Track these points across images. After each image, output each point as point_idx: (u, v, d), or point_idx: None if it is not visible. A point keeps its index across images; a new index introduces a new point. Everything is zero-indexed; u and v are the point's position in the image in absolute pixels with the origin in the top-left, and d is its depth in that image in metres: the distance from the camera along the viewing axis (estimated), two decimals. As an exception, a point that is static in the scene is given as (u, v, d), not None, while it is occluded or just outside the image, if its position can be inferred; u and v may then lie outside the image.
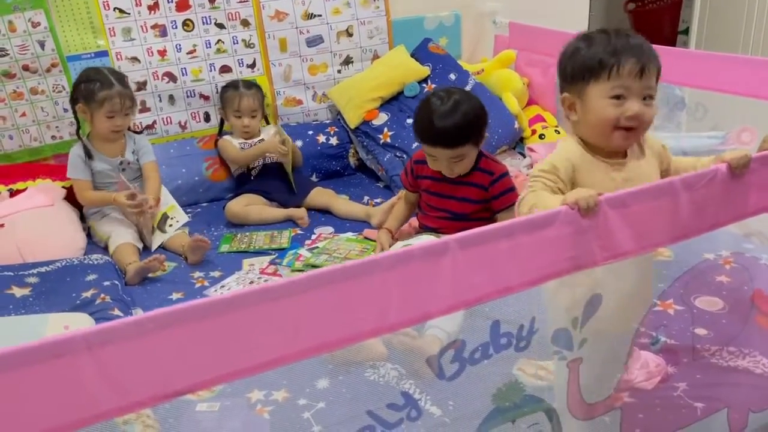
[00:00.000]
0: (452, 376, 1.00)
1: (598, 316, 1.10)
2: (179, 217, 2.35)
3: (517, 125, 2.78)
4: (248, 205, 2.44)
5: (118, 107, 2.25)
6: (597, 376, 1.16)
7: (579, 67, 1.25)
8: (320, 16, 2.87)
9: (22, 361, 0.68)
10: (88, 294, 1.78)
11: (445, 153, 1.83)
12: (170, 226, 2.31)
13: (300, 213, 2.41)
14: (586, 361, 1.12)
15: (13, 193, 2.40)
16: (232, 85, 2.65)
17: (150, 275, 2.07)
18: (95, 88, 2.23)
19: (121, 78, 2.33)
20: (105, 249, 2.23)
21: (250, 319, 0.80)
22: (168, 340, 0.76)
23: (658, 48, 2.34)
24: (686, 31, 4.31)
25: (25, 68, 2.50)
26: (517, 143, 2.85)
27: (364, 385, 1.40)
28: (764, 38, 3.60)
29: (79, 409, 0.73)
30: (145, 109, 2.71)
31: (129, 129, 2.42)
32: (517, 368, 1.27)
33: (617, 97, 1.22)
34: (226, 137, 2.66)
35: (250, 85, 2.67)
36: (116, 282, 1.88)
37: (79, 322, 1.55)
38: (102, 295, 1.76)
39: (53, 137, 2.60)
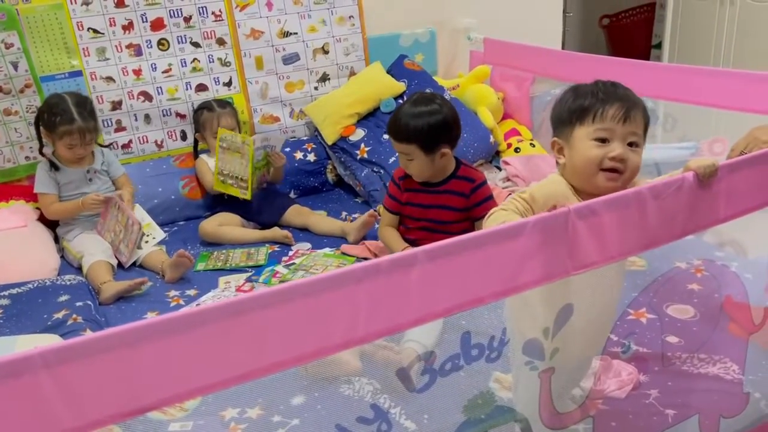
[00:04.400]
0: (422, 388, 1.00)
1: (570, 326, 1.11)
2: (155, 233, 2.33)
3: (492, 139, 2.81)
4: (222, 225, 2.43)
5: (77, 141, 2.27)
6: (566, 385, 1.17)
7: (566, 112, 1.29)
8: (296, 33, 2.88)
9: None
10: (59, 315, 1.75)
11: (396, 146, 1.97)
12: (146, 242, 2.30)
13: (281, 234, 2.38)
14: (557, 371, 1.13)
15: (-14, 215, 2.37)
16: (206, 107, 2.65)
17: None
18: (56, 120, 2.24)
19: (84, 108, 2.30)
20: (79, 268, 2.21)
21: (217, 334, 0.80)
22: (131, 357, 0.75)
23: (630, 62, 2.40)
24: (659, 45, 4.39)
25: (-2, 89, 2.48)
26: (493, 157, 2.88)
27: (340, 400, 1.40)
28: (734, 51, 3.68)
29: (39, 429, 0.72)
30: (120, 128, 2.70)
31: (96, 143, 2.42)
32: (494, 380, 1.27)
33: (601, 140, 1.25)
34: (203, 156, 2.65)
35: (224, 103, 2.67)
36: (89, 302, 1.86)
37: (49, 344, 1.52)
38: (74, 316, 1.74)
39: (27, 158, 2.57)
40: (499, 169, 2.78)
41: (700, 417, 1.34)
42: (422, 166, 1.96)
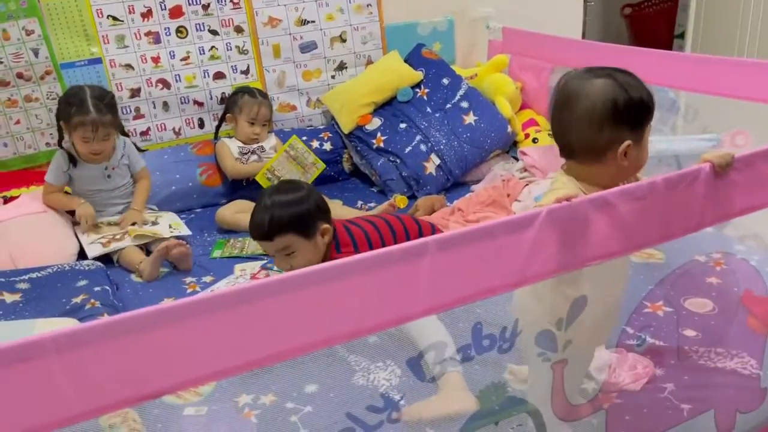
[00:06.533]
0: (432, 378, 1.00)
1: (583, 317, 1.10)
2: (182, 230, 2.33)
3: (510, 129, 2.79)
4: (239, 212, 2.44)
5: (90, 134, 2.20)
6: (577, 376, 1.16)
7: (640, 110, 1.20)
8: (313, 22, 2.88)
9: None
10: (78, 300, 1.78)
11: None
12: (171, 232, 2.29)
13: None
14: (570, 363, 1.12)
15: (6, 200, 2.41)
16: (248, 92, 2.64)
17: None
18: (71, 111, 2.20)
19: (101, 101, 2.23)
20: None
21: (227, 320, 0.80)
22: (143, 342, 0.76)
23: (651, 51, 2.36)
24: (682, 35, 4.31)
25: (19, 76, 2.51)
26: (511, 147, 2.85)
27: (353, 390, 1.40)
28: (759, 42, 3.60)
29: (49, 412, 0.72)
30: (139, 115, 2.72)
31: (121, 133, 2.42)
32: (508, 372, 1.27)
33: None
34: (224, 140, 2.66)
35: (265, 95, 2.70)
36: (107, 287, 1.88)
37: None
38: (92, 301, 1.76)
39: (47, 144, 2.61)
40: (516, 159, 2.76)
41: (716, 412, 1.32)
42: (305, 252, 1.68)
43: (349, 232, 1.80)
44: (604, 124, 1.17)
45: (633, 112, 1.19)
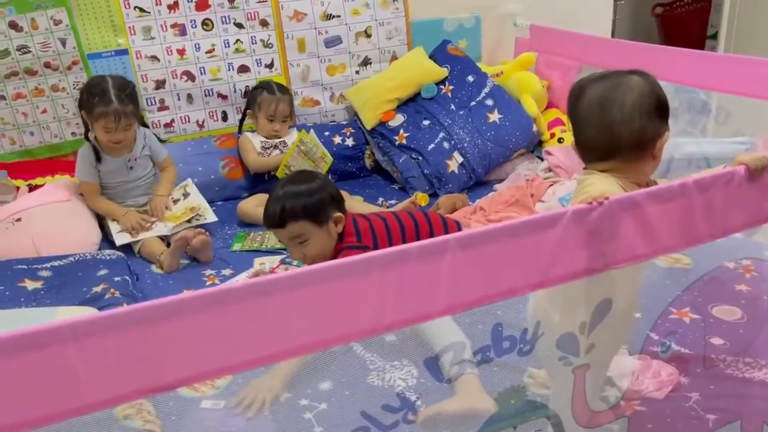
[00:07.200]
0: (449, 380, 0.97)
1: (607, 321, 1.06)
2: (208, 215, 2.33)
3: (535, 128, 2.74)
4: (260, 206, 2.43)
5: (113, 125, 2.20)
6: (598, 382, 1.13)
7: (668, 106, 1.23)
8: (339, 16, 2.86)
9: (4, 350, 0.68)
10: (98, 289, 1.79)
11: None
12: (197, 220, 2.30)
13: None
14: (593, 368, 1.09)
15: (32, 188, 2.43)
16: (266, 88, 2.63)
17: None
18: (94, 101, 2.20)
19: (123, 91, 2.24)
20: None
21: (242, 314, 0.78)
22: (158, 333, 0.75)
23: (682, 51, 2.31)
24: (715, 36, 4.22)
25: (47, 65, 2.53)
26: (535, 147, 2.81)
27: (368, 389, 1.39)
28: (795, 43, 3.51)
29: (65, 400, 0.72)
30: (163, 107, 2.73)
31: (141, 124, 2.43)
32: (528, 376, 1.24)
33: None
34: (248, 134, 2.66)
35: (284, 89, 2.68)
36: (127, 277, 1.89)
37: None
38: (112, 290, 1.77)
39: (73, 134, 2.63)
40: (541, 159, 2.72)
41: (743, 423, 1.28)
42: (318, 241, 1.69)
43: (355, 223, 1.80)
44: (652, 115, 1.19)
45: (667, 106, 1.21)
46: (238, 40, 2.77)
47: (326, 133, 2.82)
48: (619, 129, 1.18)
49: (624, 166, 1.19)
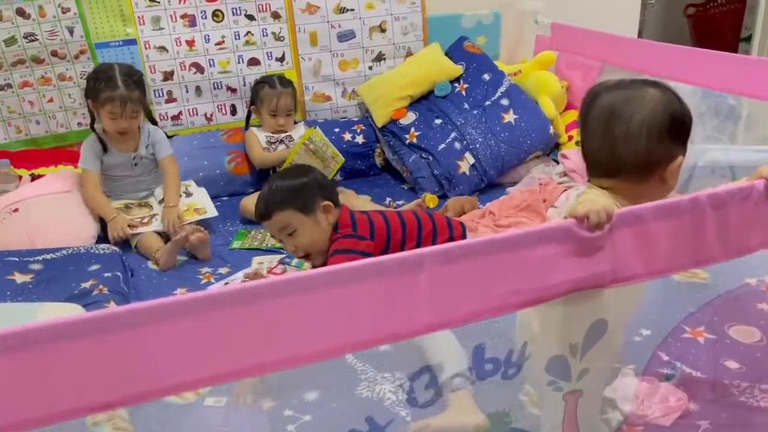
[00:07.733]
0: (426, 403, 0.89)
1: (602, 344, 0.97)
2: (209, 211, 2.29)
3: (552, 130, 2.64)
4: (262, 203, 2.38)
5: (119, 110, 2.16)
6: (593, 408, 1.04)
7: (689, 127, 1.13)
8: (353, 10, 2.78)
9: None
10: (87, 284, 1.74)
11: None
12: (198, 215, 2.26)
13: None
14: (586, 395, 1.00)
15: (34, 178, 2.40)
16: (267, 83, 2.57)
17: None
18: (100, 87, 2.16)
19: (130, 77, 2.21)
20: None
21: (225, 321, 0.73)
22: (133, 340, 0.70)
23: (712, 53, 2.18)
24: (749, 39, 4.05)
25: (54, 54, 2.50)
26: (552, 150, 2.70)
27: (356, 401, 1.32)
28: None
29: (40, 408, 0.68)
30: (171, 99, 2.68)
31: (148, 119, 2.38)
32: (524, 394, 1.16)
33: None
34: (253, 129, 2.60)
35: (286, 82, 2.59)
36: (118, 273, 1.84)
37: (70, 314, 1.50)
38: (100, 287, 1.72)
39: (79, 124, 2.60)
40: (557, 162, 2.61)
41: (755, 458, 1.18)
42: (308, 230, 1.70)
43: (352, 216, 1.76)
44: (663, 136, 1.08)
45: (686, 127, 1.11)
46: (248, 32, 2.71)
47: (336, 130, 2.74)
48: (621, 148, 1.08)
49: (627, 187, 1.10)
